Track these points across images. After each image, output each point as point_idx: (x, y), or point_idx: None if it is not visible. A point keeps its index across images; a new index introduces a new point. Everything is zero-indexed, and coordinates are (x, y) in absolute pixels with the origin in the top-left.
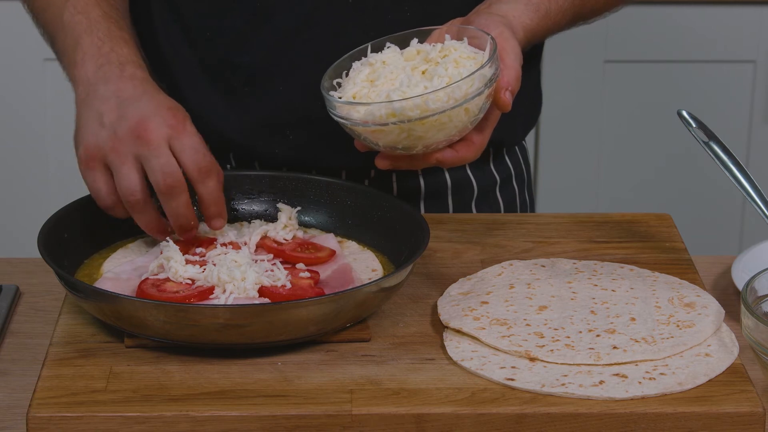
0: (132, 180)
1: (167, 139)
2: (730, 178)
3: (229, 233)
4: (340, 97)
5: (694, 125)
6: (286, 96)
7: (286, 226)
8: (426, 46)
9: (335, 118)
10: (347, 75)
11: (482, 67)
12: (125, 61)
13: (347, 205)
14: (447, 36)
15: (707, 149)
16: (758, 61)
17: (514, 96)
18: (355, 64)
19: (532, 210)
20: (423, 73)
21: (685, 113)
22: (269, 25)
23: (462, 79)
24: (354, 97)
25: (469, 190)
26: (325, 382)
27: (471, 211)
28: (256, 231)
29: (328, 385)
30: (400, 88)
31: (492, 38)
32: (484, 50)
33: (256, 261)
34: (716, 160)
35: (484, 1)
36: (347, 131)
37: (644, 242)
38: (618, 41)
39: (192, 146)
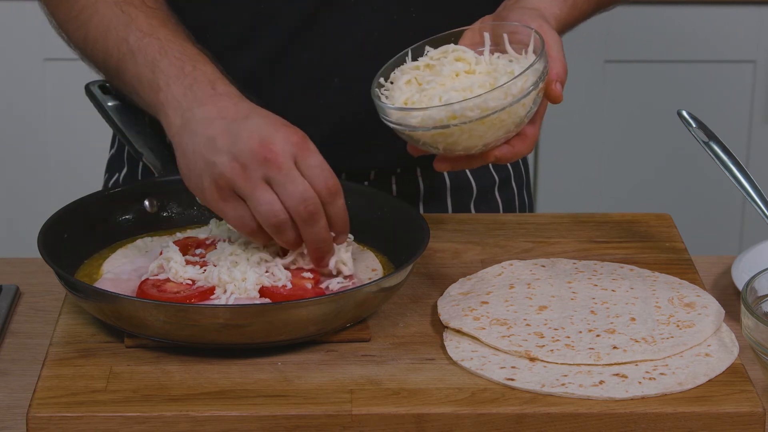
0: (269, 204)
1: (293, 158)
2: (730, 178)
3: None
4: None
5: (694, 125)
6: (287, 98)
7: None
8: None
9: (390, 125)
10: (390, 82)
11: (536, 61)
12: (213, 79)
13: (347, 205)
14: (486, 35)
15: (707, 149)
16: (758, 61)
17: (563, 86)
18: (397, 71)
19: (531, 210)
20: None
21: (685, 113)
22: (271, 26)
23: (517, 76)
24: (405, 104)
25: (468, 190)
26: (325, 382)
27: (470, 212)
28: None
29: (328, 385)
30: (452, 89)
31: (536, 32)
32: (526, 45)
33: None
34: (716, 160)
35: None
36: (403, 137)
37: (644, 242)
38: (618, 41)
39: (318, 165)
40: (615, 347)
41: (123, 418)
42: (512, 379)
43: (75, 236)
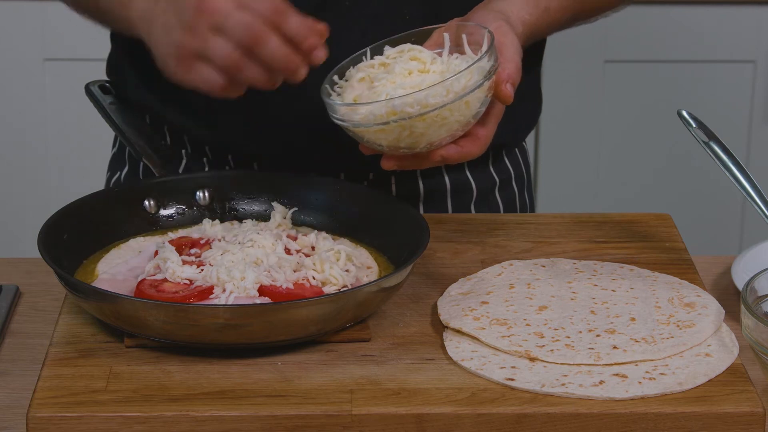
0: (221, 48)
1: (233, 3)
2: (730, 178)
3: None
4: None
5: (694, 125)
6: (284, 99)
7: (279, 225)
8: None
9: (336, 122)
10: (345, 80)
11: (479, 59)
12: None
13: (347, 205)
14: (446, 35)
15: (707, 149)
16: (758, 61)
17: (515, 88)
18: (353, 69)
19: (532, 211)
20: (420, 71)
21: (685, 113)
22: None
23: (459, 72)
24: (355, 101)
25: (468, 192)
26: (325, 382)
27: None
28: (249, 231)
29: (328, 385)
30: (400, 87)
31: (489, 31)
32: (482, 45)
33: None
34: (716, 160)
35: None
36: (350, 135)
37: (644, 242)
38: (618, 41)
39: None
40: (615, 347)
41: (123, 418)
42: (512, 379)
43: (75, 236)
